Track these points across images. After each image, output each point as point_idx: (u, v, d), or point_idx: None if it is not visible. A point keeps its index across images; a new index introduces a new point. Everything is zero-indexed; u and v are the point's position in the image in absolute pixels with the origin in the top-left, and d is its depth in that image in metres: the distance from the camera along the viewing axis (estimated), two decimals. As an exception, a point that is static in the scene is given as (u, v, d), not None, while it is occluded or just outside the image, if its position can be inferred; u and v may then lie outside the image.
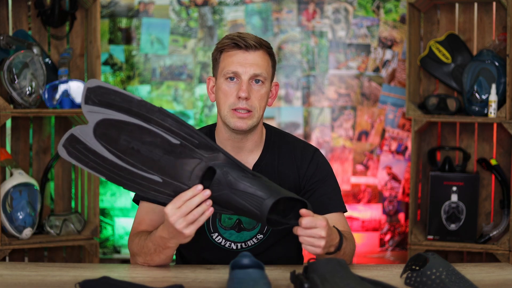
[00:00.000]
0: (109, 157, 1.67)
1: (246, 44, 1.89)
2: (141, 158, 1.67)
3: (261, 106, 1.92)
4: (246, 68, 1.89)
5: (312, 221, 1.67)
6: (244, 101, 1.88)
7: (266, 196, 1.63)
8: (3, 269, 1.82)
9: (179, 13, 3.57)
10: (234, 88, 1.90)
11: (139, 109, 1.66)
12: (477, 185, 3.18)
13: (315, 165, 2.00)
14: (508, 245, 3.05)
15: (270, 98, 1.99)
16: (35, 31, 3.19)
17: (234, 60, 1.90)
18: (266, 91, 1.93)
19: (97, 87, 1.66)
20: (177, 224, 1.67)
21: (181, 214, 1.66)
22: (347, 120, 3.56)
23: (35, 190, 3.02)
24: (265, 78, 1.91)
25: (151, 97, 3.57)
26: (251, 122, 1.90)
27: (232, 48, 1.91)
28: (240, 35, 1.91)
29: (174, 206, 1.67)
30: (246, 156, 1.99)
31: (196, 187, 1.66)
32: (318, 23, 3.57)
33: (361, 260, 3.53)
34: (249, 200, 1.64)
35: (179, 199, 1.66)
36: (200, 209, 1.66)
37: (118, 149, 1.67)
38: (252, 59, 1.89)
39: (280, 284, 1.68)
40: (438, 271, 1.62)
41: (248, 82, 1.89)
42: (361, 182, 3.57)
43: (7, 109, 2.88)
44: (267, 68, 1.92)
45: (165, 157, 1.67)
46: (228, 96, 1.90)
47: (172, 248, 1.78)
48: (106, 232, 3.54)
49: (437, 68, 3.24)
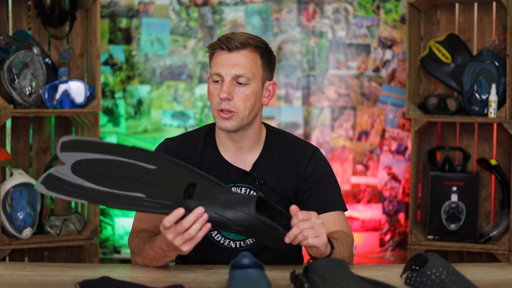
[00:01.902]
0: (89, 186, 1.69)
1: (228, 46, 1.90)
2: (121, 183, 1.70)
3: (246, 106, 1.91)
4: (228, 69, 1.90)
5: (306, 213, 1.67)
6: (225, 101, 1.89)
7: (248, 196, 1.68)
8: (3, 269, 1.82)
9: (179, 13, 3.57)
10: (218, 89, 1.91)
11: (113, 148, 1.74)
12: (477, 185, 3.18)
13: (314, 164, 2.00)
14: (508, 245, 3.05)
15: (266, 97, 1.98)
16: (35, 31, 3.19)
17: (218, 61, 1.92)
18: (252, 91, 1.92)
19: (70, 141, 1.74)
20: (175, 241, 1.68)
21: (177, 232, 1.66)
22: (347, 120, 3.56)
23: (35, 190, 3.02)
24: (249, 78, 1.91)
25: (151, 97, 3.57)
26: (234, 123, 1.91)
27: (218, 49, 1.93)
28: (228, 36, 1.92)
29: (169, 224, 1.67)
30: (245, 154, 1.99)
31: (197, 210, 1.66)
32: (318, 23, 3.57)
33: (361, 260, 3.53)
34: (232, 211, 1.66)
35: (173, 217, 1.66)
36: (196, 226, 1.66)
37: (97, 180, 1.70)
38: (235, 60, 1.90)
39: (280, 284, 1.68)
40: (438, 271, 1.62)
41: (230, 82, 1.90)
42: (361, 182, 3.57)
43: (7, 109, 2.88)
44: (252, 68, 1.91)
45: (144, 178, 1.71)
46: (214, 97, 1.93)
47: (171, 257, 1.80)
48: (106, 232, 3.54)
49: (437, 68, 3.24)
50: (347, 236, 1.91)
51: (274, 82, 2.00)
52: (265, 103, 1.99)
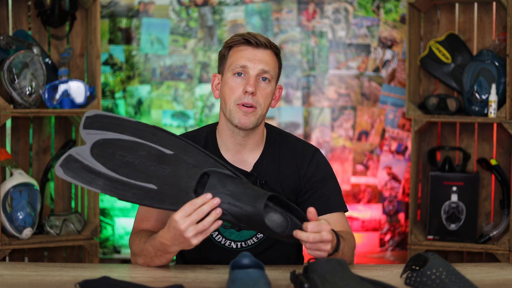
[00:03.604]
0: (104, 171, 1.72)
1: (256, 41, 1.92)
2: (136, 170, 1.72)
3: (266, 104, 1.93)
4: (255, 64, 1.91)
5: (318, 225, 1.66)
6: (250, 96, 1.90)
7: (260, 194, 1.67)
8: (3, 269, 1.82)
9: (179, 13, 3.57)
10: (241, 83, 1.91)
11: (134, 127, 1.76)
12: (477, 185, 3.18)
13: (315, 165, 2.00)
14: (508, 245, 3.05)
15: (274, 100, 2.00)
16: (35, 31, 3.19)
17: (243, 55, 1.92)
18: (271, 90, 1.95)
19: (95, 115, 1.78)
20: (187, 232, 1.65)
21: (192, 222, 1.65)
22: (347, 120, 3.56)
23: (35, 190, 3.02)
24: (272, 76, 1.94)
25: (151, 97, 3.57)
26: (254, 119, 1.91)
27: (242, 44, 1.94)
28: (251, 33, 1.95)
29: (184, 213, 1.65)
30: (247, 154, 1.99)
31: (205, 196, 1.66)
32: (318, 23, 3.57)
33: (361, 260, 3.53)
34: (244, 199, 1.66)
35: (190, 206, 1.65)
36: (210, 218, 1.65)
37: (113, 163, 1.73)
38: (261, 56, 1.92)
39: (280, 284, 1.68)
40: (438, 271, 1.62)
41: (255, 77, 1.91)
42: (361, 182, 3.57)
43: (7, 109, 2.88)
44: (274, 67, 1.96)
45: (159, 167, 1.72)
46: (234, 90, 1.91)
47: (173, 253, 1.78)
48: (106, 232, 3.54)
49: (437, 68, 3.24)
50: (351, 237, 1.92)
51: (280, 86, 2.04)
52: (272, 106, 2.01)
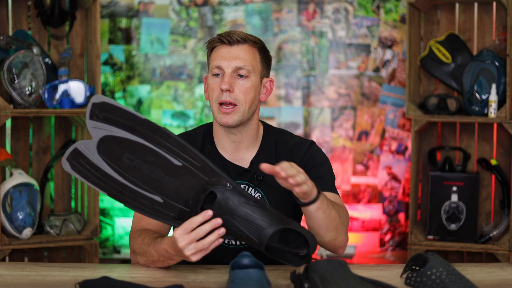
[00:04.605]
0: (111, 174, 1.67)
1: (229, 39, 1.93)
2: (143, 177, 1.67)
3: (247, 100, 1.92)
4: (229, 62, 1.92)
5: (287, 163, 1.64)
6: (226, 93, 1.90)
7: (266, 225, 1.60)
8: (3, 269, 1.82)
9: (179, 13, 3.57)
10: (217, 82, 1.93)
11: (143, 127, 1.66)
12: (477, 185, 3.18)
13: (311, 153, 2.01)
14: (508, 245, 3.05)
15: (264, 94, 2.00)
16: (35, 31, 3.19)
17: (218, 55, 1.94)
18: (252, 84, 1.93)
19: (102, 103, 1.67)
20: (186, 250, 1.64)
21: (191, 240, 1.63)
22: (347, 120, 3.56)
23: (35, 190, 3.02)
24: (249, 71, 1.93)
25: (151, 97, 3.57)
26: (236, 117, 1.91)
27: (218, 44, 1.95)
28: (228, 31, 1.96)
29: (184, 231, 1.63)
30: (243, 152, 2.00)
31: (206, 213, 1.62)
32: (318, 23, 3.57)
33: (361, 260, 3.53)
34: (248, 227, 1.61)
35: (189, 224, 1.63)
36: (212, 238, 1.63)
37: (120, 166, 1.67)
38: (236, 53, 1.92)
39: (280, 284, 1.68)
40: (438, 271, 1.62)
41: (230, 75, 1.92)
42: (361, 182, 3.57)
43: (7, 109, 2.88)
44: (252, 61, 1.94)
45: (166, 178, 1.66)
46: (214, 90, 1.93)
47: (176, 261, 1.77)
48: (106, 232, 3.54)
49: (437, 68, 3.24)
50: (344, 209, 1.87)
51: (271, 79, 2.03)
52: (263, 100, 2.01)
